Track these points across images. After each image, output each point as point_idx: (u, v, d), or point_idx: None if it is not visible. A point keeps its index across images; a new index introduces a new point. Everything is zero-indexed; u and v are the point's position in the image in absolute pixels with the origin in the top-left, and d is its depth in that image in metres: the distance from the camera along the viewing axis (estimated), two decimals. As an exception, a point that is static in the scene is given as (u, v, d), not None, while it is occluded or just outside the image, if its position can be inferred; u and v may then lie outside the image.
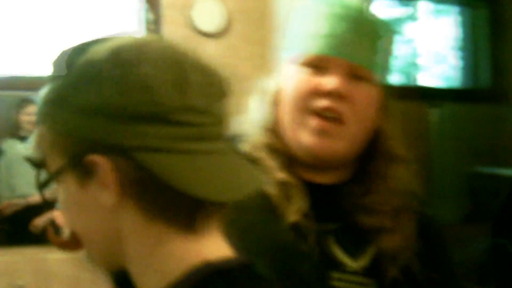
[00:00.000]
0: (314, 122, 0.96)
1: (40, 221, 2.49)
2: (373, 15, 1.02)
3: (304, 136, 0.97)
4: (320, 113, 0.96)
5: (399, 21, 1.84)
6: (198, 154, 0.64)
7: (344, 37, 0.96)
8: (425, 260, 0.99)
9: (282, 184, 0.98)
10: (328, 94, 0.95)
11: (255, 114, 1.06)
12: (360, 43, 0.97)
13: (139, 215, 0.64)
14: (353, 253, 0.97)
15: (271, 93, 1.05)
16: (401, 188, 1.02)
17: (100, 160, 0.61)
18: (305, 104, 0.97)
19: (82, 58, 0.64)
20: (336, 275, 0.95)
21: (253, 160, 0.99)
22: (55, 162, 0.66)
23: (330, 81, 0.95)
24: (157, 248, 0.64)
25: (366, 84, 0.98)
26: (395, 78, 2.39)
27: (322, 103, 0.96)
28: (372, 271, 0.96)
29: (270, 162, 1.00)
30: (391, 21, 1.08)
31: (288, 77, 1.02)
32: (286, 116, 1.01)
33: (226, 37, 2.74)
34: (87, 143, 0.62)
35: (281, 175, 0.98)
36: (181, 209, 0.64)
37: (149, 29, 2.71)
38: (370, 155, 1.05)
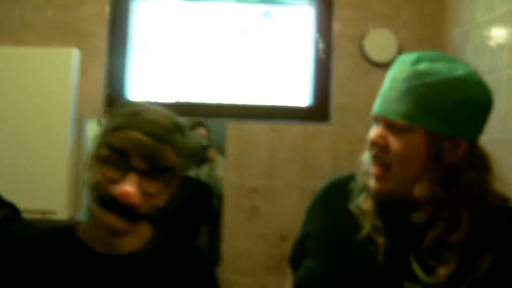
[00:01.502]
0: (373, 169, 1.21)
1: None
2: (417, 71, 1.15)
3: (370, 181, 1.22)
4: (374, 161, 1.21)
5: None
6: None
7: (385, 97, 1.18)
8: (498, 283, 1.11)
9: (364, 212, 1.24)
10: (372, 144, 1.19)
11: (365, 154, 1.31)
12: (398, 100, 1.15)
13: None
14: (430, 269, 1.12)
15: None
16: (464, 225, 1.13)
17: None
18: (370, 153, 1.23)
19: None
20: (408, 285, 1.12)
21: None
22: None
23: (371, 134, 1.20)
24: None
25: (405, 134, 1.15)
26: None
27: (372, 151, 1.20)
28: (443, 286, 1.10)
29: (363, 197, 1.27)
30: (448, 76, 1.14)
31: None
32: None
33: (397, 67, 2.72)
34: None
35: (365, 205, 1.25)
36: None
37: (319, 58, 2.77)
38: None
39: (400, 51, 2.71)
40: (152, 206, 1.11)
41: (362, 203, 1.25)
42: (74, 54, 2.52)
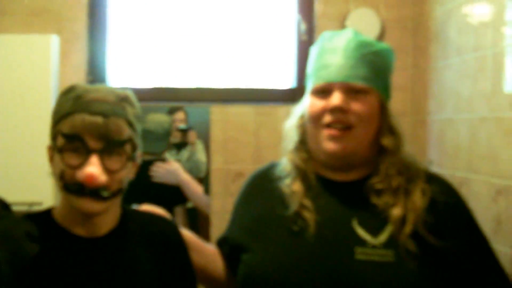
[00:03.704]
0: (325, 132, 1.28)
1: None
2: (363, 41, 1.31)
3: (323, 144, 1.29)
4: (330, 125, 1.27)
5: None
6: None
7: (339, 65, 1.27)
8: (439, 230, 1.21)
9: (294, 192, 1.32)
10: (333, 110, 1.26)
11: (289, 133, 1.42)
12: (356, 66, 1.27)
13: None
14: (374, 231, 1.22)
15: (297, 118, 1.40)
16: (401, 170, 1.28)
17: None
18: (319, 121, 1.29)
19: None
20: (359, 250, 1.19)
21: (287, 172, 1.37)
22: None
23: (333, 100, 1.26)
24: None
25: (364, 95, 1.27)
26: None
27: (329, 118, 1.27)
28: (390, 244, 1.19)
29: (291, 178, 1.34)
30: (378, 43, 1.38)
31: (306, 104, 1.35)
32: (308, 133, 1.35)
33: (380, 46, 2.71)
34: None
35: (294, 186, 1.32)
36: None
37: (302, 39, 2.76)
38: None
39: (383, 30, 2.70)
40: (121, 181, 1.15)
41: (291, 184, 1.34)
42: (54, 40, 2.47)
